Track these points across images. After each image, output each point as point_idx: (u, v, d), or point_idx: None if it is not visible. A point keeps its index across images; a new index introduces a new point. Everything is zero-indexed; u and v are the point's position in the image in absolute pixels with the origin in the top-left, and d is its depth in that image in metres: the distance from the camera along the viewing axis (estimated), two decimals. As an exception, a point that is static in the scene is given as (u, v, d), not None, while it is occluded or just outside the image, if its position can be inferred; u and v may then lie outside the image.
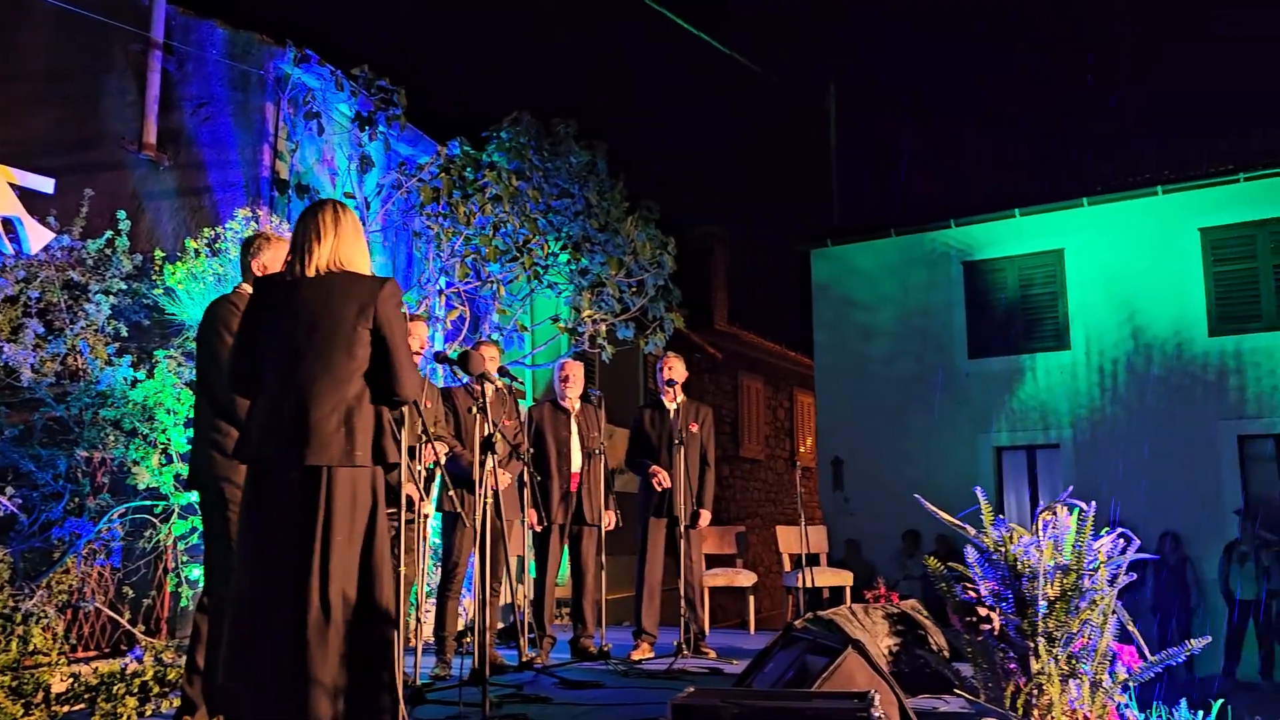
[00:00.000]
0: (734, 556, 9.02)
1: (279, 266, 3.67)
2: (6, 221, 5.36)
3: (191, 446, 3.91)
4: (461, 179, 7.38)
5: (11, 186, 5.44)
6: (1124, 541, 3.08)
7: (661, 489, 6.28)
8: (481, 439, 4.08)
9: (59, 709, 4.46)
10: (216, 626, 3.53)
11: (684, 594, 6.11)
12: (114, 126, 6.84)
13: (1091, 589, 2.93)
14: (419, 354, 5.23)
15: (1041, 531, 3.05)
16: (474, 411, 4.42)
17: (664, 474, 6.28)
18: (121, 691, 4.58)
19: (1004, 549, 3.06)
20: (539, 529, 6.21)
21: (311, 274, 3.09)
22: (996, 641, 3.06)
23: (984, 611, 3.05)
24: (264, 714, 2.85)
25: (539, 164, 7.95)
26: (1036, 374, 12.45)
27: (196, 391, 3.95)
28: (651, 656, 6.21)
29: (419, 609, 5.69)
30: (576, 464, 6.34)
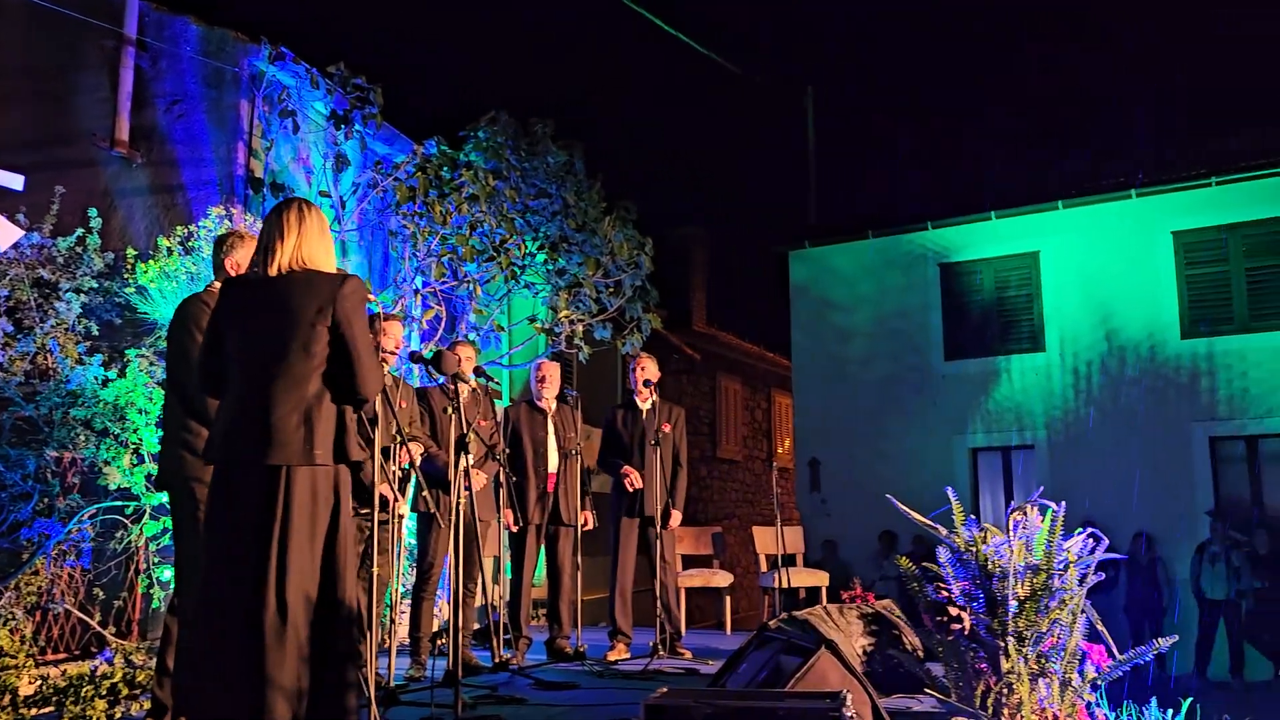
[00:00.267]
0: (710, 557, 9.02)
1: None
2: (-25, 218, 5.29)
3: (161, 446, 3.87)
4: (438, 178, 7.35)
5: (-20, 183, 5.37)
6: (1093, 541, 3.10)
7: (633, 489, 6.28)
8: (455, 439, 4.07)
9: (26, 712, 4.40)
10: (187, 628, 3.50)
11: (659, 595, 6.11)
12: (86, 123, 6.77)
13: (1061, 588, 2.95)
14: (394, 353, 5.19)
15: (1012, 532, 3.07)
16: (449, 411, 4.41)
17: (635, 474, 6.28)
18: (90, 694, 4.53)
19: (975, 549, 3.08)
20: (515, 529, 6.20)
21: (274, 273, 3.10)
22: (967, 641, 3.08)
23: (954, 611, 3.06)
24: (221, 714, 2.84)
25: (516, 164, 7.93)
26: (1012, 376, 12.54)
27: (167, 390, 3.91)
28: (627, 657, 6.21)
29: (394, 610, 5.66)
30: (553, 464, 6.33)
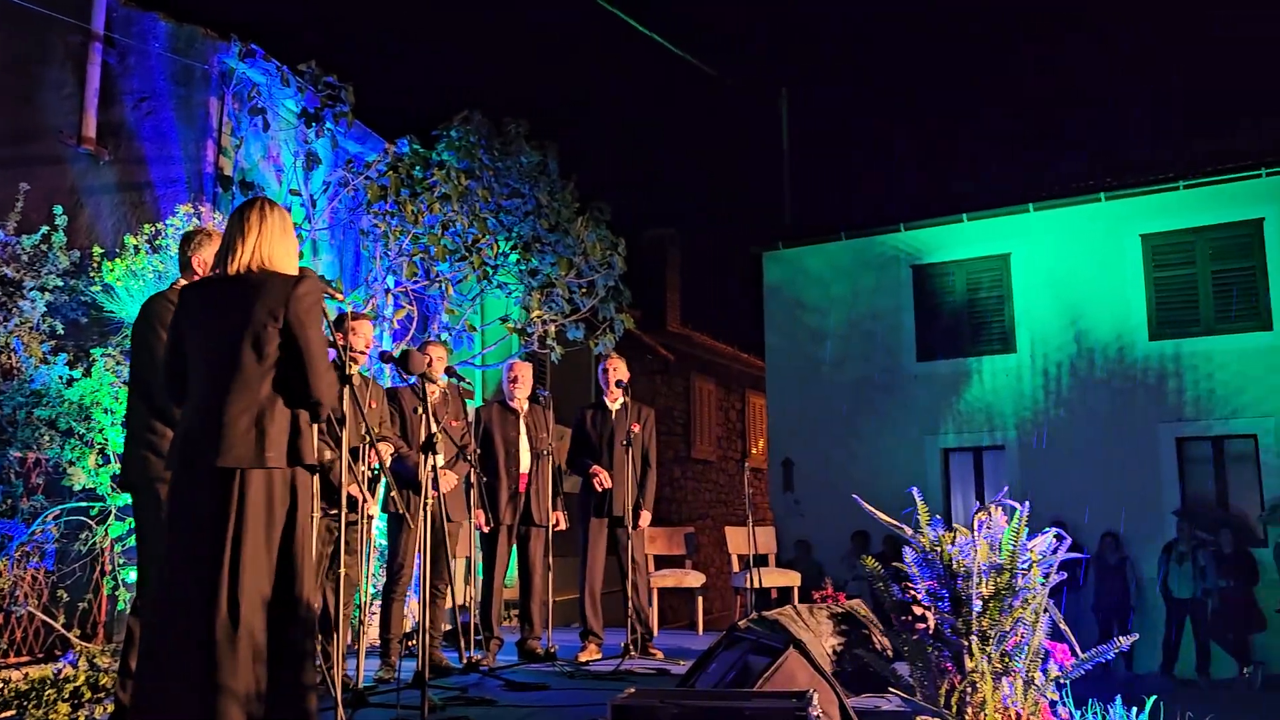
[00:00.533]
0: (683, 557, 9.03)
1: None
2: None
3: (125, 447, 3.83)
4: (410, 177, 7.31)
5: (-58, 180, 5.30)
6: (1057, 541, 3.13)
7: (602, 489, 6.28)
8: (422, 439, 4.05)
9: (-12, 716, 4.35)
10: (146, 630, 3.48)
11: (629, 595, 6.11)
12: (52, 119, 6.70)
13: (1024, 588, 2.98)
14: (364, 353, 5.16)
15: (976, 531, 3.10)
16: (419, 412, 4.39)
17: (604, 474, 6.27)
18: (53, 697, 4.48)
19: (940, 549, 3.11)
20: (486, 530, 6.18)
21: (233, 273, 3.09)
22: (932, 640, 3.10)
23: (919, 610, 3.08)
24: (175, 719, 2.82)
25: (489, 163, 7.91)
26: (983, 377, 12.63)
27: (131, 390, 3.88)
28: (599, 658, 6.20)
29: (363, 611, 5.63)
30: (525, 464, 6.32)
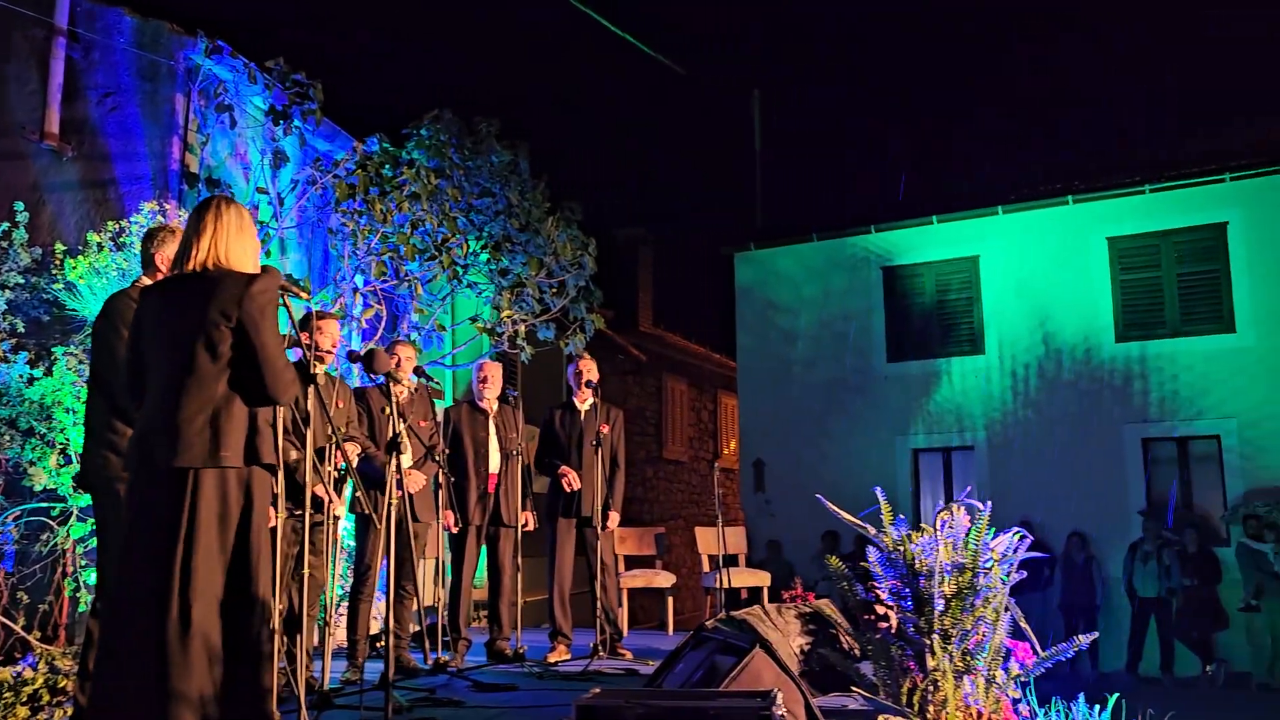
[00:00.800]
0: (653, 557, 9.04)
1: None
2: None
3: (84, 446, 3.78)
4: (379, 176, 7.27)
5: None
6: (1019, 540, 3.16)
7: (570, 490, 6.26)
8: (387, 439, 4.03)
9: (-56, 720, 4.28)
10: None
11: (598, 596, 6.10)
12: (14, 115, 6.60)
13: (986, 586, 3.00)
14: (331, 352, 5.12)
15: (939, 530, 3.12)
16: (386, 412, 4.36)
17: (573, 474, 6.26)
18: (11, 700, 4.41)
19: (903, 548, 3.13)
20: (455, 530, 6.16)
21: (190, 272, 3.08)
22: (894, 639, 3.12)
23: (881, 610, 3.10)
24: None
25: (459, 162, 7.87)
26: (952, 378, 12.72)
27: (91, 388, 3.83)
28: (568, 658, 6.19)
29: (329, 612, 5.59)
30: (494, 465, 6.30)
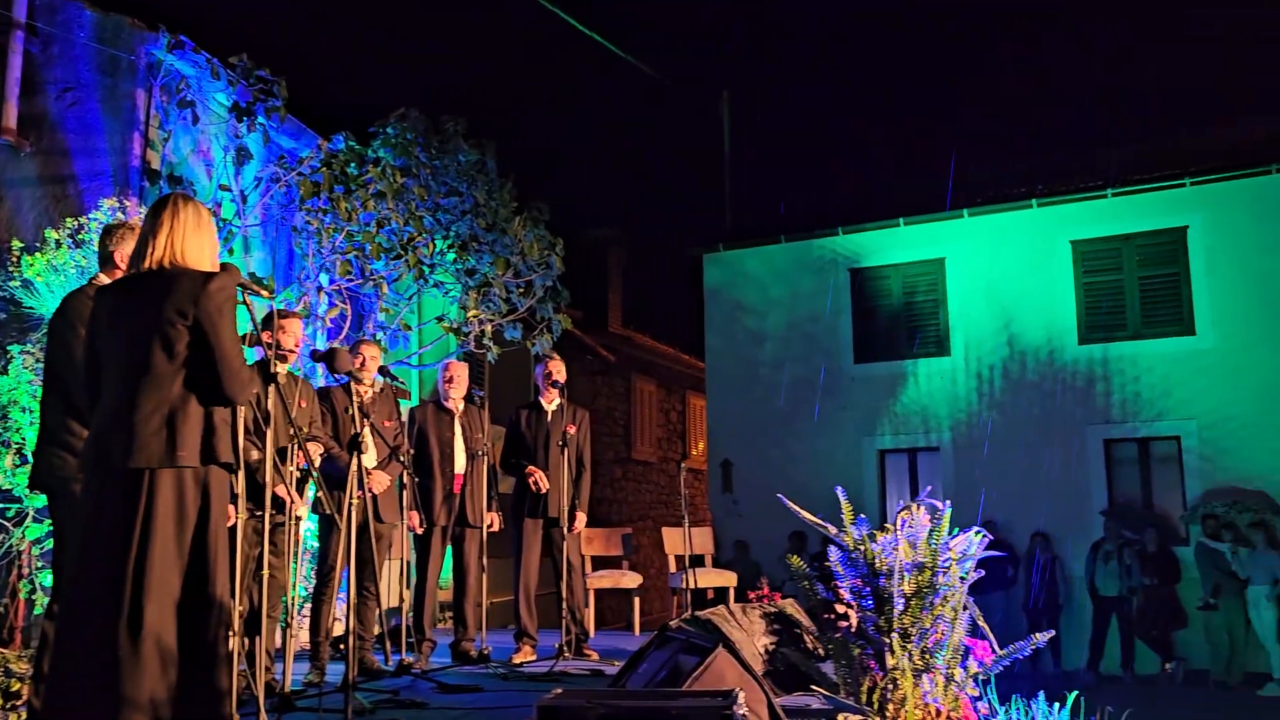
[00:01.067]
0: (620, 558, 9.03)
1: None
2: None
3: (38, 446, 3.73)
4: (344, 174, 7.22)
5: None
6: (978, 539, 3.19)
7: (539, 491, 6.24)
8: (348, 439, 4.00)
9: (-107, 725, 4.20)
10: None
11: (565, 596, 6.09)
12: (-30, 109, 6.49)
13: (945, 585, 3.03)
14: (294, 351, 5.07)
15: (899, 530, 3.14)
16: (350, 411, 4.33)
17: (541, 475, 6.24)
18: (-36, 704, 4.34)
19: (864, 547, 3.15)
20: (420, 531, 6.12)
21: (146, 270, 3.05)
22: (855, 638, 3.14)
23: (841, 609, 3.12)
24: None
25: (426, 161, 7.84)
26: (919, 379, 12.82)
27: (46, 388, 3.77)
28: (533, 659, 6.18)
29: (290, 613, 5.54)
30: (460, 465, 6.27)
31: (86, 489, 3.03)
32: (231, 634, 2.99)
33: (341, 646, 6.11)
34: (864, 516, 3.29)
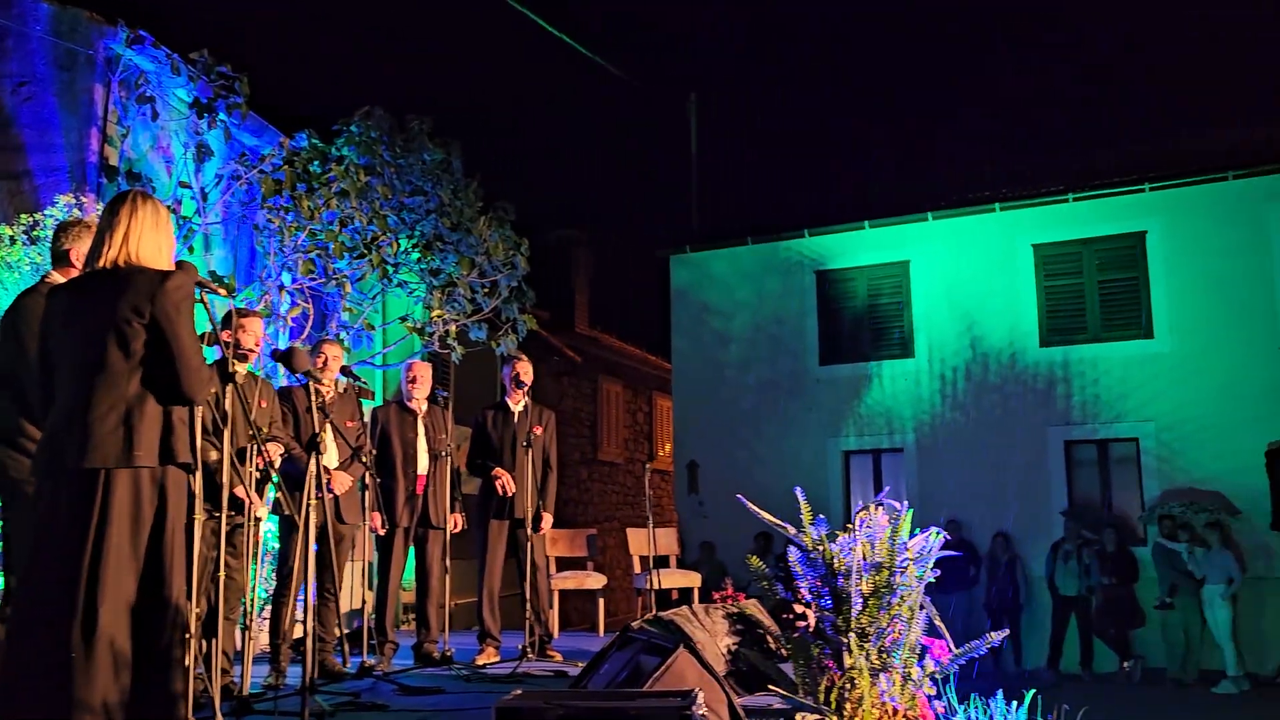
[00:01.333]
0: (585, 559, 9.03)
1: None
2: None
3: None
4: (307, 172, 7.16)
5: None
6: (936, 539, 3.22)
7: (505, 494, 6.22)
8: (306, 440, 3.97)
9: None
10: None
11: (529, 597, 6.08)
12: (-78, 103, 6.37)
13: (902, 585, 3.06)
14: (254, 350, 5.03)
15: (858, 530, 3.17)
16: (311, 411, 4.30)
17: (508, 478, 6.22)
18: (-88, 710, 4.25)
19: (823, 548, 3.17)
20: (383, 532, 6.08)
21: (102, 269, 3.02)
22: (813, 638, 3.16)
23: (800, 609, 3.14)
24: None
25: (390, 160, 7.79)
26: (883, 381, 12.92)
27: (-2, 388, 3.71)
28: (497, 660, 6.16)
29: (250, 615, 5.48)
30: (423, 466, 6.24)
31: (40, 490, 2.99)
32: (188, 636, 2.95)
33: (302, 648, 6.07)
34: (823, 517, 3.32)
